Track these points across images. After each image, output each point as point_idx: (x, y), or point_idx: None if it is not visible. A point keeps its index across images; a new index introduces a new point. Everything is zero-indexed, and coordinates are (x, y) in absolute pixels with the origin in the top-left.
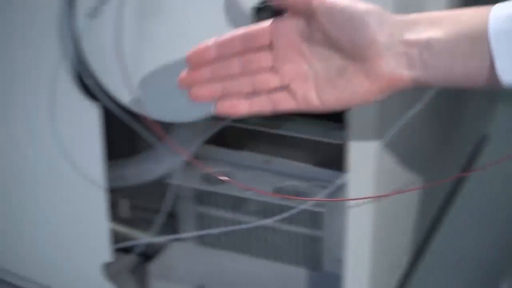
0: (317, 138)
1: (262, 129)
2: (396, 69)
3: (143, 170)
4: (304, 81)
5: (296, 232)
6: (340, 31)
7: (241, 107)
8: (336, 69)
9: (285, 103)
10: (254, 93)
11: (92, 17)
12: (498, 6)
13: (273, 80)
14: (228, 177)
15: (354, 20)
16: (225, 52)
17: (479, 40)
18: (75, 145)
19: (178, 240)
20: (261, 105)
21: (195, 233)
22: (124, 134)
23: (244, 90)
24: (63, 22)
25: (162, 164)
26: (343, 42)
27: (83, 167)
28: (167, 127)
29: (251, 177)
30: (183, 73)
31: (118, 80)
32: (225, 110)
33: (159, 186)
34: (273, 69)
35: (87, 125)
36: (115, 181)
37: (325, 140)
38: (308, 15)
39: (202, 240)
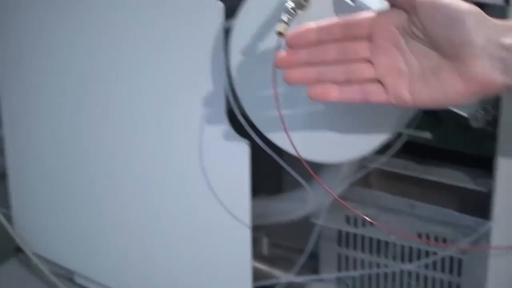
0: (463, 184)
1: (408, 173)
2: (490, 72)
3: (288, 208)
4: (398, 76)
5: (435, 277)
6: (439, 29)
7: (333, 94)
8: (431, 67)
9: (376, 96)
10: (347, 81)
11: (246, 55)
12: None
13: (367, 71)
14: (372, 219)
15: (454, 19)
16: (324, 38)
17: None
18: (222, 181)
19: (318, 280)
20: (352, 95)
21: (336, 274)
22: (271, 171)
23: (338, 78)
24: (218, 59)
25: (307, 204)
26: (441, 39)
27: (229, 204)
28: (315, 166)
29: (394, 220)
30: (282, 53)
31: (268, 118)
32: (316, 95)
33: (301, 225)
34: (369, 60)
35: (235, 161)
36: (258, 218)
37: (471, 187)
38: (410, 10)
39: (342, 282)
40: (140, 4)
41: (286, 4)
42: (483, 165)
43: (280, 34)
